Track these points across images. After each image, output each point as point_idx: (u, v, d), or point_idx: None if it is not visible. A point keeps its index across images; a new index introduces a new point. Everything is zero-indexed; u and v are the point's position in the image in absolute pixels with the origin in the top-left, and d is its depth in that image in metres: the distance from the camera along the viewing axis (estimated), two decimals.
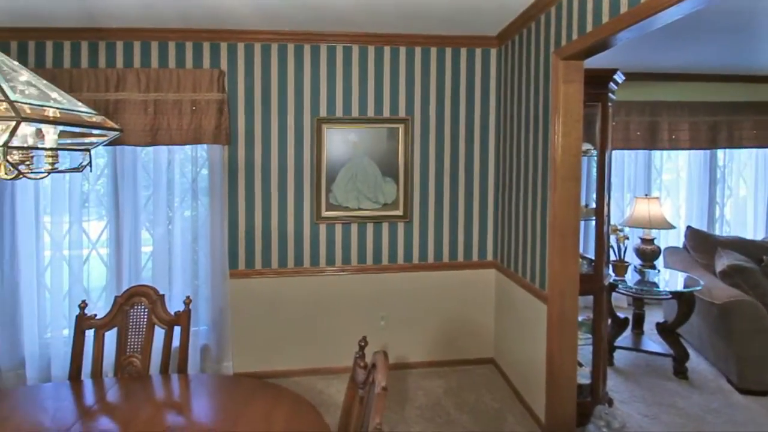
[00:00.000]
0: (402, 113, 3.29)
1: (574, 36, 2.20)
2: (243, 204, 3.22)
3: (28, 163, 1.29)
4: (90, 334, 1.88)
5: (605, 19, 1.93)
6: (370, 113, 3.26)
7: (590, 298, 2.68)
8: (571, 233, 2.40)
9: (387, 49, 3.25)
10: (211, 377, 1.89)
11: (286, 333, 3.29)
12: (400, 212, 3.32)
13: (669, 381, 3.15)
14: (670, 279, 3.51)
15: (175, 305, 2.68)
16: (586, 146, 2.69)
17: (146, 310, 1.91)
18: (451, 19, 2.88)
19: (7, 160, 1.14)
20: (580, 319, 2.64)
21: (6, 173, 1.22)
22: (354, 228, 3.32)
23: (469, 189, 3.41)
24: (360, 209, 3.28)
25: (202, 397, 1.75)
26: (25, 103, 1.09)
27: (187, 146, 3.17)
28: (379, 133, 3.26)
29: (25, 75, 1.21)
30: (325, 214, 3.26)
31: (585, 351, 2.76)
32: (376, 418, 1.12)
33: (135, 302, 1.91)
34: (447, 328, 3.43)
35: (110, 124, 1.36)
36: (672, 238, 4.65)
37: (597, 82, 2.52)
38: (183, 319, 1.92)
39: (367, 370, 1.34)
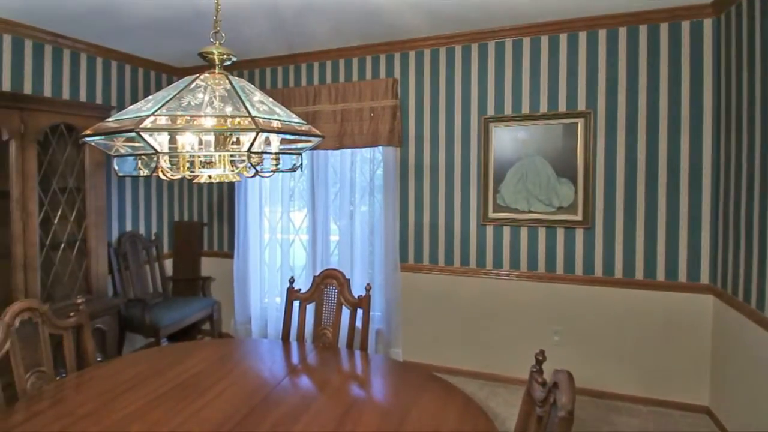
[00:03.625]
0: (581, 106, 2.97)
1: None
2: (413, 202, 3.42)
3: (260, 164, 1.65)
4: (296, 304, 2.30)
5: None
6: (543, 109, 3.05)
7: None
8: None
9: (563, 37, 2.99)
10: (386, 360, 2.07)
11: (450, 330, 3.33)
12: (578, 217, 2.98)
13: None
14: None
15: (354, 290, 3.04)
16: None
17: (336, 290, 2.23)
18: None
19: (250, 163, 1.49)
20: None
21: (246, 172, 1.59)
22: (524, 231, 3.14)
23: (674, 193, 2.80)
24: (530, 212, 3.08)
25: (379, 377, 1.92)
26: (261, 118, 1.38)
27: (366, 148, 3.53)
28: (552, 130, 3.01)
29: (257, 95, 1.53)
30: (492, 215, 3.19)
31: None
32: None
33: (328, 283, 2.26)
34: (641, 358, 2.88)
35: (315, 131, 1.62)
36: None
37: None
38: (364, 302, 2.16)
39: (547, 389, 1.23)
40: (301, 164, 1.68)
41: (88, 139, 1.33)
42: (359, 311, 2.17)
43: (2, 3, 2.53)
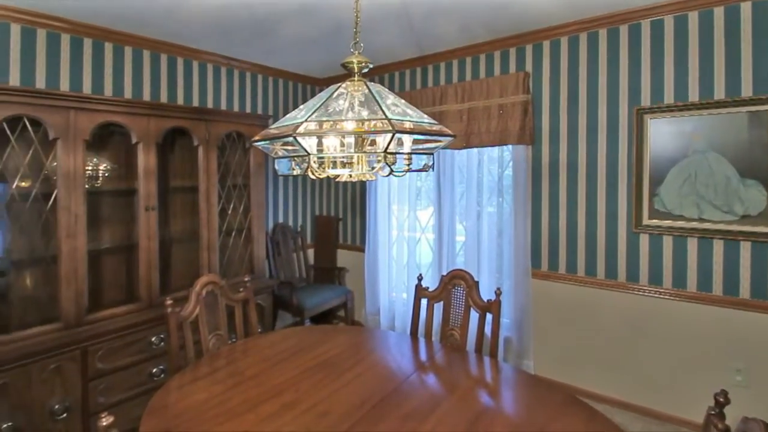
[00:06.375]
0: None
1: None
2: (546, 203, 3.19)
3: (394, 164, 1.75)
4: (423, 301, 2.35)
5: None
6: (719, 95, 2.53)
7: None
8: None
9: (745, 6, 2.43)
10: (518, 371, 1.92)
11: (592, 349, 2.99)
12: None
13: None
14: None
15: (481, 293, 2.96)
16: None
17: (464, 292, 2.21)
18: None
19: (386, 163, 1.60)
20: None
21: (382, 172, 1.71)
22: (692, 243, 2.63)
23: None
24: (701, 219, 2.57)
25: (510, 388, 1.81)
26: (395, 120, 1.46)
27: (493, 147, 3.42)
28: (733, 120, 2.47)
29: (390, 98, 1.60)
30: (647, 222, 2.75)
31: None
32: None
33: (456, 283, 2.26)
34: None
35: (447, 131, 1.64)
36: None
37: None
38: (494, 307, 2.09)
39: None
40: (433, 164, 1.73)
41: (256, 143, 1.58)
42: (488, 316, 2.11)
43: (191, 34, 3.15)
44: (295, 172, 1.69)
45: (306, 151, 1.43)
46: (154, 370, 2.68)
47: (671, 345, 2.70)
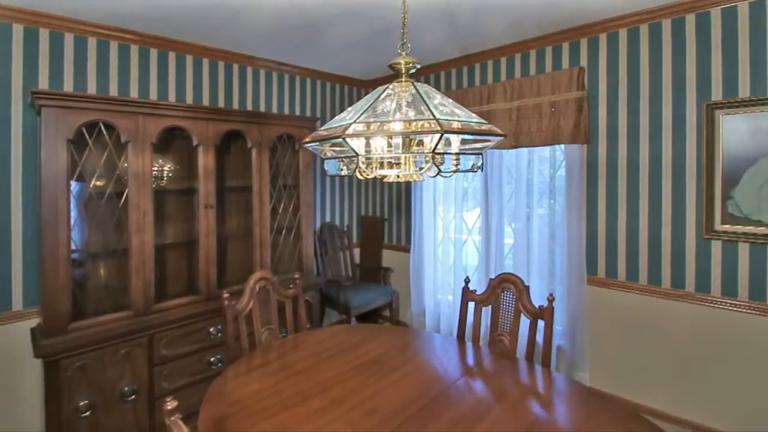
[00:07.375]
0: None
1: None
2: (603, 206, 3.02)
3: (442, 164, 1.74)
4: (470, 305, 2.31)
5: None
6: None
7: None
8: None
9: None
10: (572, 383, 1.81)
11: (655, 362, 2.79)
12: None
13: None
14: None
15: (533, 299, 2.84)
16: None
17: (513, 296, 2.14)
18: None
19: (434, 163, 1.59)
20: None
21: (429, 172, 1.70)
22: None
23: None
24: None
25: (564, 400, 1.71)
26: (443, 119, 1.45)
27: (544, 147, 3.28)
28: None
29: (438, 98, 1.58)
30: (720, 227, 2.53)
31: None
32: None
33: (505, 287, 2.19)
34: None
35: (497, 131, 1.60)
36: None
37: None
38: (547, 314, 2.01)
39: None
40: (482, 164, 1.70)
41: (307, 145, 1.63)
42: (540, 323, 2.03)
43: (247, 42, 3.29)
44: (343, 173, 1.72)
45: (354, 151, 1.45)
46: (212, 359, 2.84)
47: (749, 362, 2.46)
